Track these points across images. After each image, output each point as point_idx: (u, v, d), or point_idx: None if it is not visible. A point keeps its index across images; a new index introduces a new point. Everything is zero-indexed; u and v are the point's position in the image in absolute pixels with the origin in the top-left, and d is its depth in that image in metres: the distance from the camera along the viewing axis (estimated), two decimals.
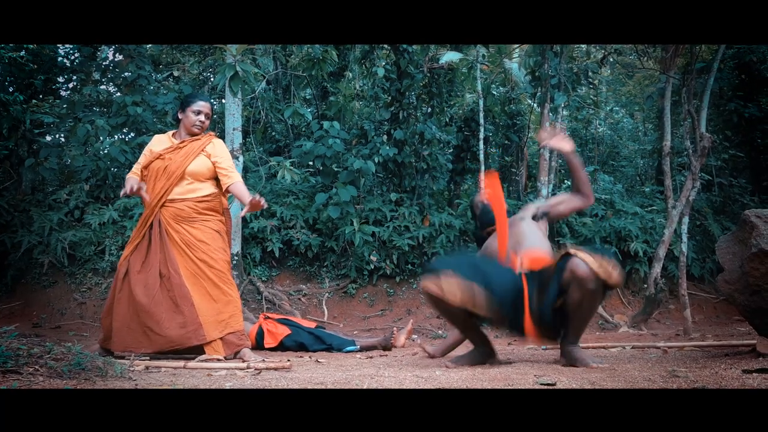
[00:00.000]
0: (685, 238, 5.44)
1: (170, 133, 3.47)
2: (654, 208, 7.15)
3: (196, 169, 3.29)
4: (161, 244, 3.26)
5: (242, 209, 3.16)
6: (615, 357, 2.89)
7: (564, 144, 2.90)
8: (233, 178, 3.30)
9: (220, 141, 3.44)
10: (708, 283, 6.71)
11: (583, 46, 10.36)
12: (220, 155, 3.34)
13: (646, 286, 5.92)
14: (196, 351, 3.19)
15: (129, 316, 3.20)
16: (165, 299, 3.18)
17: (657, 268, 5.58)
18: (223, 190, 3.35)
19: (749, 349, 2.56)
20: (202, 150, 3.33)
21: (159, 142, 3.43)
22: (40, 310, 5.49)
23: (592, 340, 4.39)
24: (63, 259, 5.64)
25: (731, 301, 2.42)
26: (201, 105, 3.36)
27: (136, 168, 3.42)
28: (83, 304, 5.47)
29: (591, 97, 9.52)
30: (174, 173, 3.25)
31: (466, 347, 3.04)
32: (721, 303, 6.40)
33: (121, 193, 3.22)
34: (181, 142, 3.36)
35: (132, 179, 3.33)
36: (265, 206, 3.14)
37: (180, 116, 3.41)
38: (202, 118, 3.35)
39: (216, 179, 3.37)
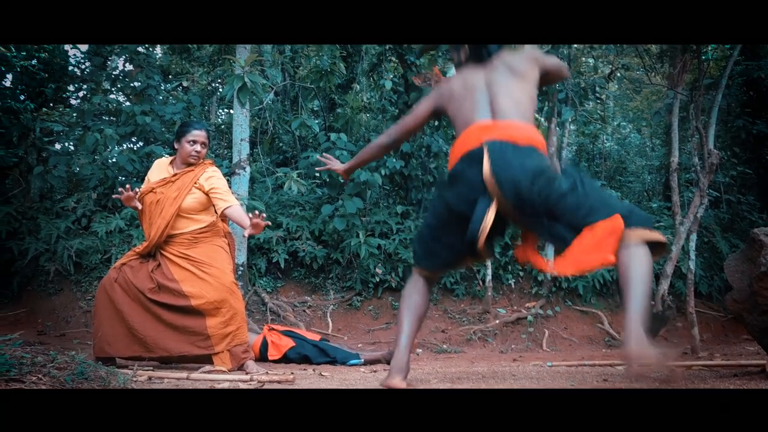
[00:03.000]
0: (693, 255, 5.40)
1: (170, 159, 3.46)
2: (661, 224, 7.11)
3: (188, 206, 3.29)
4: (163, 263, 3.29)
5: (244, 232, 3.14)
6: (621, 375, 2.86)
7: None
8: (229, 202, 3.26)
9: (215, 168, 3.39)
10: (716, 301, 6.65)
11: (590, 60, 10.38)
12: (214, 183, 3.30)
13: (653, 303, 5.87)
14: (204, 360, 3.21)
15: (118, 321, 3.23)
16: (163, 312, 3.20)
17: (664, 285, 5.53)
18: (218, 214, 3.32)
19: (758, 370, 2.52)
20: (195, 182, 3.29)
21: (158, 170, 3.41)
22: (46, 317, 5.49)
23: (598, 358, 4.36)
24: (69, 267, 5.66)
25: (740, 320, 2.39)
26: (196, 134, 3.31)
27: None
28: (88, 312, 5.46)
29: (598, 111, 9.52)
30: (169, 213, 3.25)
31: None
32: (729, 321, 6.34)
33: (114, 196, 3.26)
34: (173, 175, 3.34)
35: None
36: (268, 224, 3.11)
37: (176, 146, 3.37)
38: (197, 147, 3.31)
39: (213, 207, 3.37)
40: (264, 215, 3.01)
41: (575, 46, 7.42)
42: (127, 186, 3.22)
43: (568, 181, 2.08)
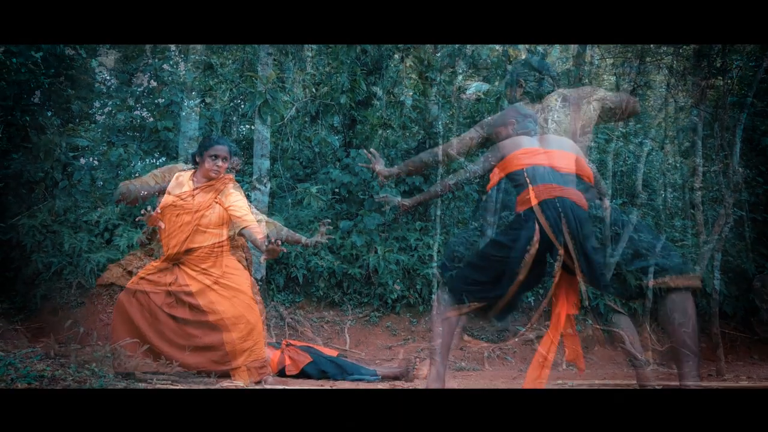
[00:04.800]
0: (717, 274, 5.29)
1: (190, 172, 3.49)
2: (685, 243, 6.99)
3: (208, 221, 3.31)
4: (180, 277, 3.31)
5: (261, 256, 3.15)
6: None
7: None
8: (247, 221, 3.28)
9: (235, 184, 3.43)
10: (741, 322, 6.50)
11: (612, 77, 10.31)
12: (233, 201, 3.33)
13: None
14: (222, 375, 3.21)
15: (136, 335, 3.26)
16: (181, 326, 3.22)
17: None
18: (237, 233, 3.35)
19: None
20: (215, 197, 3.32)
21: (178, 184, 3.43)
22: (67, 330, 5.55)
23: (620, 377, 4.28)
24: (91, 280, 5.72)
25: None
26: (218, 149, 3.35)
27: (151, 180, 3.48)
28: (108, 325, 5.50)
29: (619, 129, 9.43)
30: (188, 228, 3.27)
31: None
32: (755, 343, 6.19)
33: (137, 218, 3.29)
34: (194, 189, 3.36)
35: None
36: (283, 250, 3.11)
37: (198, 160, 3.41)
38: (219, 162, 3.34)
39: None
40: (280, 241, 3.02)
41: (596, 62, 7.39)
42: (149, 207, 3.25)
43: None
